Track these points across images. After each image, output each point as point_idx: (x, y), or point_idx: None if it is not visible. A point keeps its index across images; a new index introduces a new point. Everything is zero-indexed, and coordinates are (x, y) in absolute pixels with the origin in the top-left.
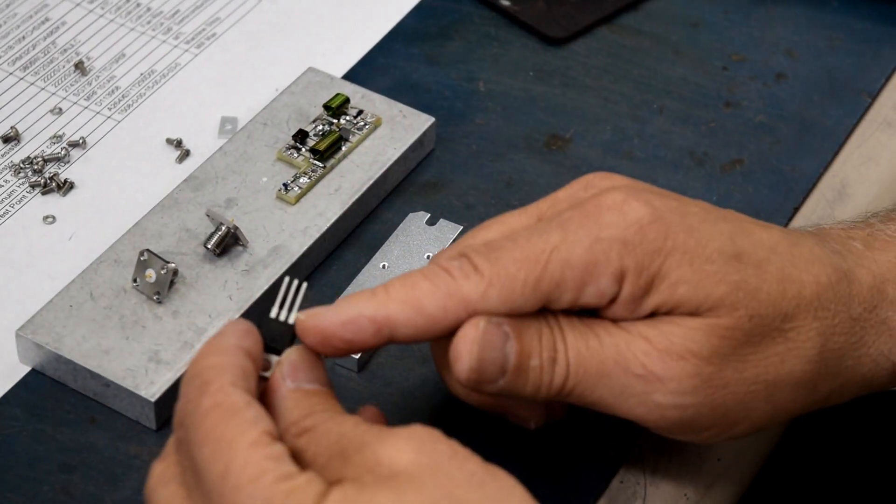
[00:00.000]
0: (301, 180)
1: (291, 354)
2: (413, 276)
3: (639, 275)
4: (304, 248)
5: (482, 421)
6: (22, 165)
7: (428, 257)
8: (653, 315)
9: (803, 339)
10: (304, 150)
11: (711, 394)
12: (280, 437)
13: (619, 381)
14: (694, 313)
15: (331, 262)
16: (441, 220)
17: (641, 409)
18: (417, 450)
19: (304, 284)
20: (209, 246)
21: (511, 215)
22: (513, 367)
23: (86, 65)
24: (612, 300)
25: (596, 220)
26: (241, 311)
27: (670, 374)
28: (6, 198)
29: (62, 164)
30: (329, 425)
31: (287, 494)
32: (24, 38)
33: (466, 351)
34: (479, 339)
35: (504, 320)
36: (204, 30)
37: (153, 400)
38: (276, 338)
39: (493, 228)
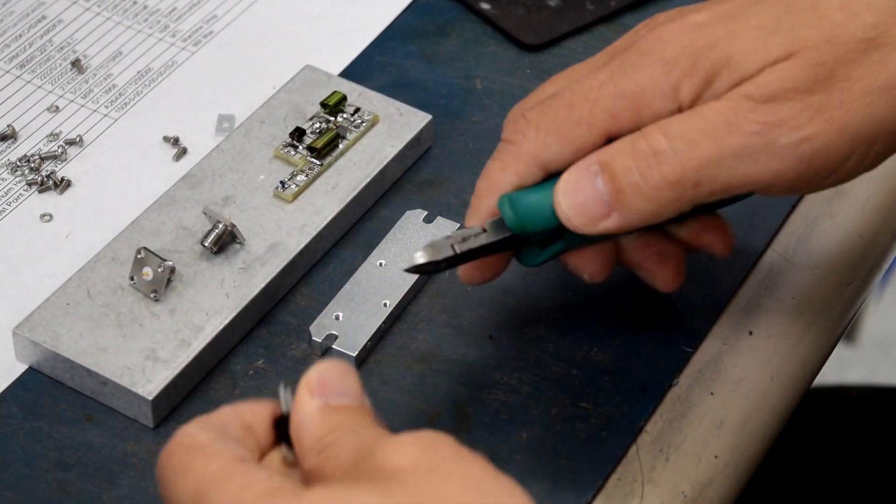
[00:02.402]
0: (298, 178)
1: (321, 369)
2: (487, 164)
3: (693, 82)
4: (302, 245)
5: (481, 418)
6: (19, 163)
7: None
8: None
9: (893, 39)
10: (301, 147)
11: (831, 117)
12: (299, 459)
13: (737, 147)
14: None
15: (328, 259)
16: (438, 217)
17: (775, 163)
18: (418, 453)
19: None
20: (206, 244)
21: (574, 68)
22: (612, 194)
23: (82, 63)
24: (680, 110)
25: (637, 52)
26: (239, 308)
27: (783, 115)
28: (3, 196)
29: (59, 162)
30: (349, 439)
31: (262, 495)
32: (20, 35)
33: (559, 204)
34: (563, 189)
35: (593, 158)
36: (201, 27)
37: (150, 398)
38: None
39: (557, 81)
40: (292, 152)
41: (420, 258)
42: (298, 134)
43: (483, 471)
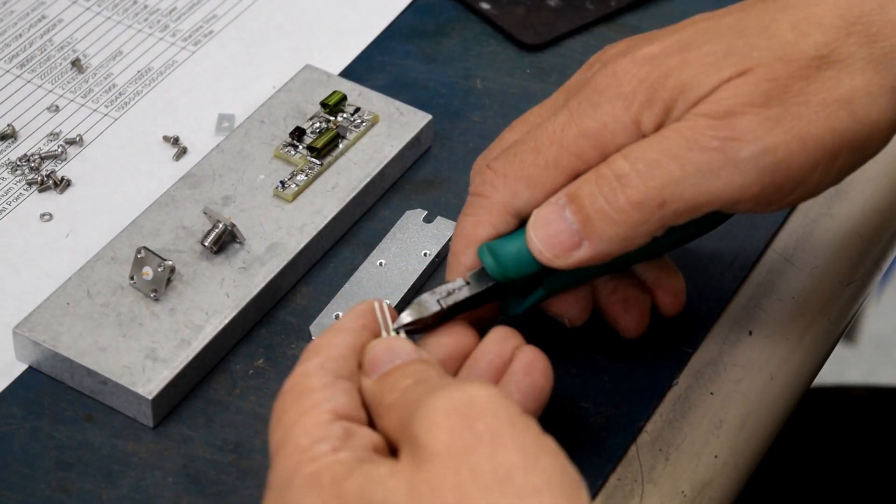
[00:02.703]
0: (298, 178)
1: (369, 349)
2: (459, 220)
3: (652, 112)
4: (301, 245)
5: None
6: (19, 163)
7: (425, 254)
8: None
9: (846, 56)
10: (301, 147)
11: (791, 128)
12: (358, 416)
13: (698, 163)
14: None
15: (328, 259)
16: (438, 217)
17: (737, 177)
18: (451, 431)
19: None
20: (206, 243)
21: (533, 111)
22: (580, 222)
23: (82, 62)
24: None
25: (594, 89)
26: (238, 308)
27: (741, 129)
28: (3, 195)
29: (59, 162)
30: (400, 399)
31: (312, 475)
32: (20, 35)
33: (530, 239)
34: (533, 223)
35: (561, 192)
36: (201, 27)
37: (150, 397)
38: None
39: (517, 128)
40: (292, 152)
41: (407, 317)
42: (298, 133)
43: (517, 458)
